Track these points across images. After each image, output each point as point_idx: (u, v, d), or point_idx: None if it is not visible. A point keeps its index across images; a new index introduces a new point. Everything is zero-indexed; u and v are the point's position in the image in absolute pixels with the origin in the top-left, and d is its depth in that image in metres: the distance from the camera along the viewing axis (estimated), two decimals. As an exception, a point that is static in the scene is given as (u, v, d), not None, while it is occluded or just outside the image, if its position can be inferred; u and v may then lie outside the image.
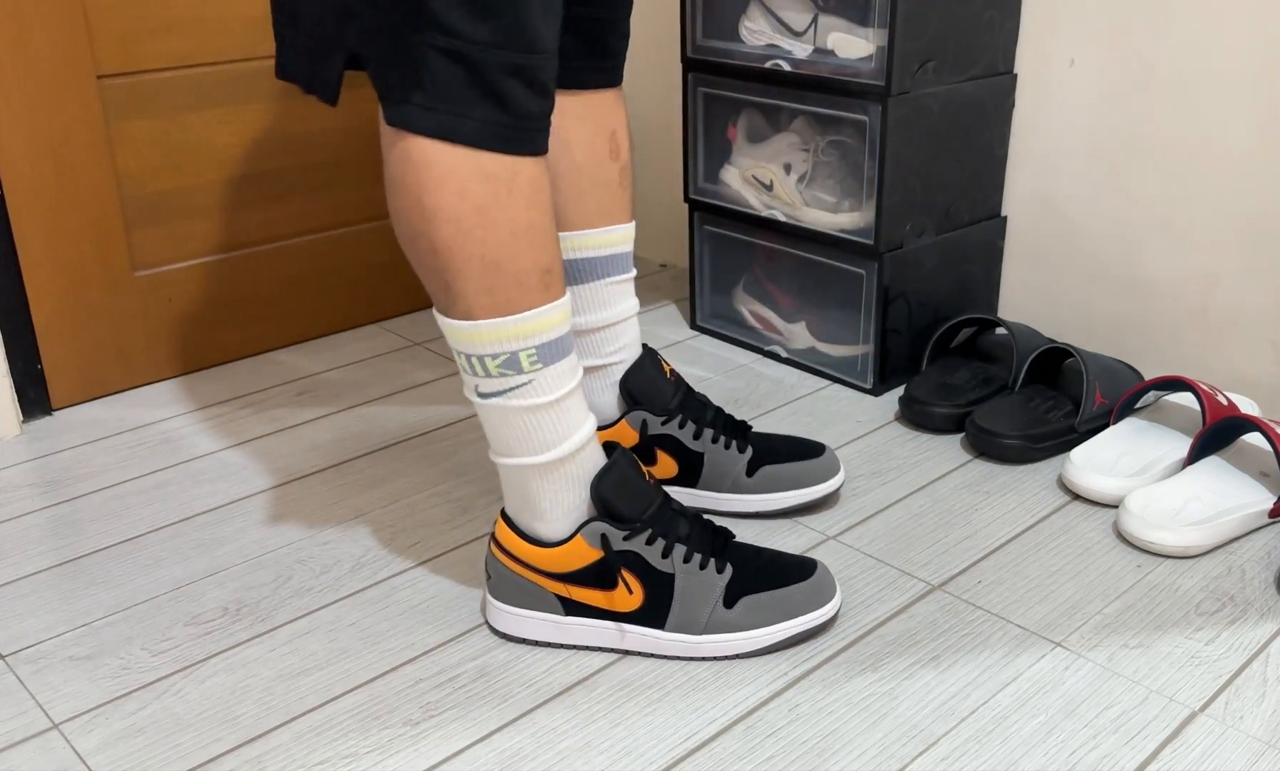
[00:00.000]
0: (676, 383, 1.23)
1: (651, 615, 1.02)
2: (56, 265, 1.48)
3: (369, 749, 0.94)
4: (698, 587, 1.02)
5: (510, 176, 0.91)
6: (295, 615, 1.11)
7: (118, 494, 1.33)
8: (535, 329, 0.94)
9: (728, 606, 1.02)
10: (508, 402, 0.96)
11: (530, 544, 1.02)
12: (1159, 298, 1.49)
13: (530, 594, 1.04)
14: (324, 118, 1.66)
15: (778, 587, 1.04)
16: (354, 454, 1.40)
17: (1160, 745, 0.92)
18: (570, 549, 1.01)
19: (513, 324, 0.93)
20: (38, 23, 1.39)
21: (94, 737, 0.95)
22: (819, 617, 1.05)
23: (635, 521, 1.01)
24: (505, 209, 0.91)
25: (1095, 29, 1.46)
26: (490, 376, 0.95)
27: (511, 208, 0.91)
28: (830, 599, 1.06)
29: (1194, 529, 1.15)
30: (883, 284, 1.47)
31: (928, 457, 1.36)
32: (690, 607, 1.02)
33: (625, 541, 1.00)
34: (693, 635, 1.02)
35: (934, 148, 1.47)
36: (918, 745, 0.93)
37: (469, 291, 0.93)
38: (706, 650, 1.03)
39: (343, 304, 1.76)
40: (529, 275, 0.93)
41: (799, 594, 1.04)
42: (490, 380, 0.96)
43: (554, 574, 1.02)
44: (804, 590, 1.04)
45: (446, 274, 0.93)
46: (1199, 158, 1.41)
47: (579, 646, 1.04)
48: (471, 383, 0.97)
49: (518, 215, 0.92)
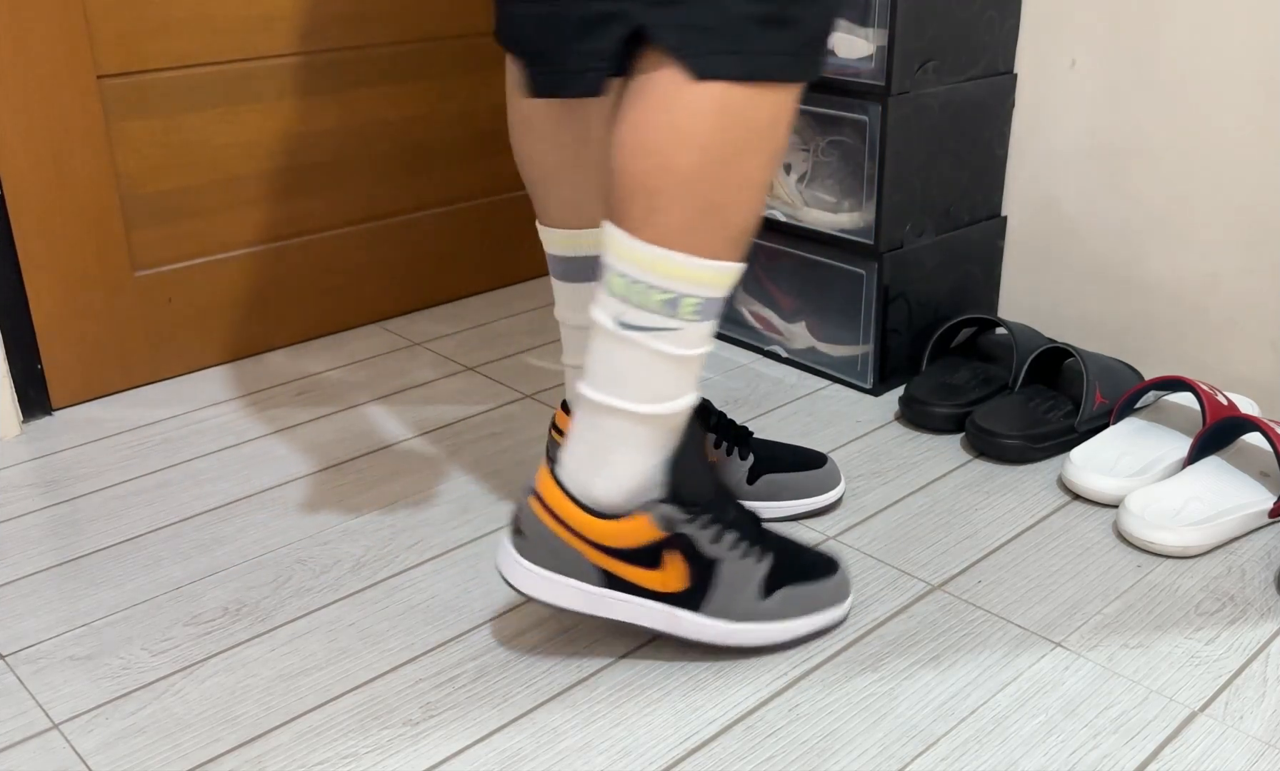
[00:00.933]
0: None
1: (691, 599, 1.00)
2: (56, 265, 1.48)
3: (369, 749, 0.94)
4: (739, 575, 1.01)
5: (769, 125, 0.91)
6: (295, 615, 1.11)
7: (118, 494, 1.33)
8: (712, 281, 0.92)
9: (765, 596, 1.02)
10: (648, 342, 0.93)
11: (585, 512, 0.98)
12: (1159, 298, 1.49)
13: (567, 560, 0.99)
14: (324, 118, 1.66)
15: (810, 581, 1.05)
16: (354, 454, 1.40)
17: (1160, 745, 0.92)
18: (631, 526, 0.98)
19: (698, 268, 0.91)
20: (38, 23, 1.39)
21: (94, 737, 0.95)
22: (841, 613, 1.07)
23: (697, 505, 0.99)
24: (748, 159, 0.91)
25: (1095, 29, 1.46)
26: (646, 310, 0.92)
27: (752, 161, 0.91)
28: (848, 595, 1.08)
29: (1194, 529, 1.15)
30: (883, 284, 1.47)
31: (928, 457, 1.36)
32: (730, 594, 1.01)
33: (685, 525, 0.99)
34: (729, 621, 1.01)
35: (934, 148, 1.47)
36: (918, 745, 0.93)
37: (674, 222, 0.90)
38: (740, 638, 1.02)
39: (343, 304, 1.76)
40: (737, 230, 0.92)
41: (827, 589, 1.06)
42: (643, 314, 0.92)
43: (603, 546, 0.98)
44: (830, 586, 1.06)
45: (662, 196, 0.90)
46: (1199, 158, 1.41)
47: (608, 619, 1.01)
48: (617, 308, 0.93)
49: (754, 171, 0.91)
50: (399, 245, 1.80)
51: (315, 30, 1.62)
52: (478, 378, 1.61)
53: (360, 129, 1.70)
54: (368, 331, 1.77)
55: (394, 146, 1.74)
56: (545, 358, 1.66)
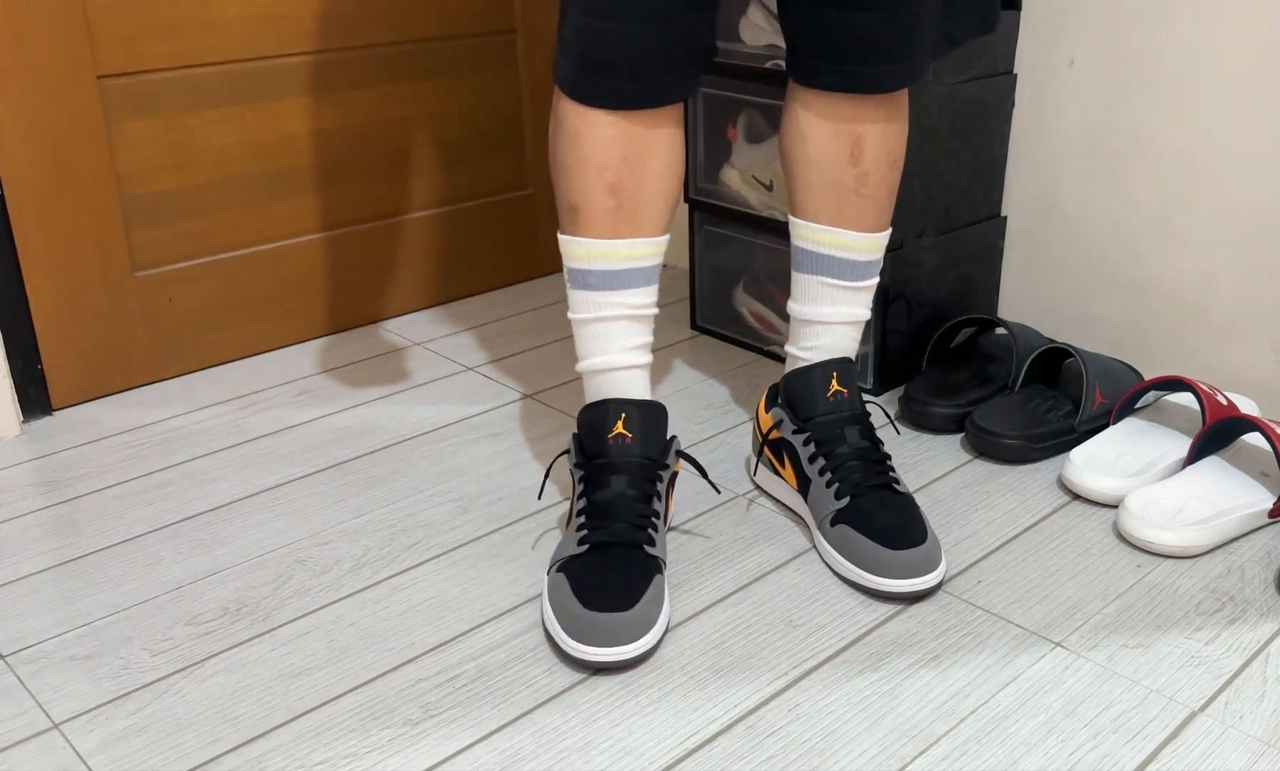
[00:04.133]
0: (834, 405, 1.19)
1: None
2: (56, 265, 1.48)
3: (369, 749, 0.94)
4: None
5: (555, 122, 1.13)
6: (295, 615, 1.11)
7: (118, 494, 1.33)
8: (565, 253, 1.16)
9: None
10: None
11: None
12: (1159, 298, 1.49)
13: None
14: (324, 118, 1.66)
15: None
16: (354, 454, 1.40)
17: (1160, 745, 0.92)
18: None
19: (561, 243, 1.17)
20: (38, 23, 1.40)
21: (94, 737, 0.95)
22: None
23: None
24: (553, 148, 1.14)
25: (1095, 29, 1.46)
26: None
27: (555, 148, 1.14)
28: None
29: (1194, 529, 1.15)
30: (883, 284, 1.47)
31: (928, 457, 1.36)
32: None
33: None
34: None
35: (934, 148, 1.47)
36: (918, 745, 0.93)
37: None
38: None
39: (343, 304, 1.76)
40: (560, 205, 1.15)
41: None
42: None
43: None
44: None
45: None
46: (1199, 158, 1.41)
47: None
48: None
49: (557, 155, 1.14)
50: (399, 245, 1.80)
51: (315, 30, 1.62)
52: (478, 378, 1.61)
53: (360, 129, 1.70)
54: (368, 331, 1.77)
55: (394, 146, 1.74)
56: (545, 358, 1.66)
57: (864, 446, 1.18)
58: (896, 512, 1.13)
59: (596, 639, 1.00)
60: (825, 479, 1.17)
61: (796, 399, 1.21)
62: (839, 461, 1.17)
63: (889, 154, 1.19)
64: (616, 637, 1.00)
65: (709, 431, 1.43)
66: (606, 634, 1.00)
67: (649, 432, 1.13)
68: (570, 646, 1.01)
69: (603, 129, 1.09)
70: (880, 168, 1.19)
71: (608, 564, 1.05)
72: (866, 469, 1.16)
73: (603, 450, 1.12)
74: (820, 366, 1.20)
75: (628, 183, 1.12)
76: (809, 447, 1.19)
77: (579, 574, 1.05)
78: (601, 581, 1.04)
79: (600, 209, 1.12)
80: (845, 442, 1.18)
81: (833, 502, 1.15)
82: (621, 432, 1.12)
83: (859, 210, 1.20)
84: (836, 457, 1.17)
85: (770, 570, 1.16)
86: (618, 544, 1.07)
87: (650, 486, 1.11)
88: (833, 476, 1.16)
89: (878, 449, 1.19)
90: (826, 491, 1.17)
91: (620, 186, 1.11)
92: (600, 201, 1.12)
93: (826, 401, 1.19)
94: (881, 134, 1.18)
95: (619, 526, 1.08)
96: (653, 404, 1.14)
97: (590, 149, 1.10)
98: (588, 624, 1.01)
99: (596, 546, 1.07)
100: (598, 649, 1.00)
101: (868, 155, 1.18)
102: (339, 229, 1.73)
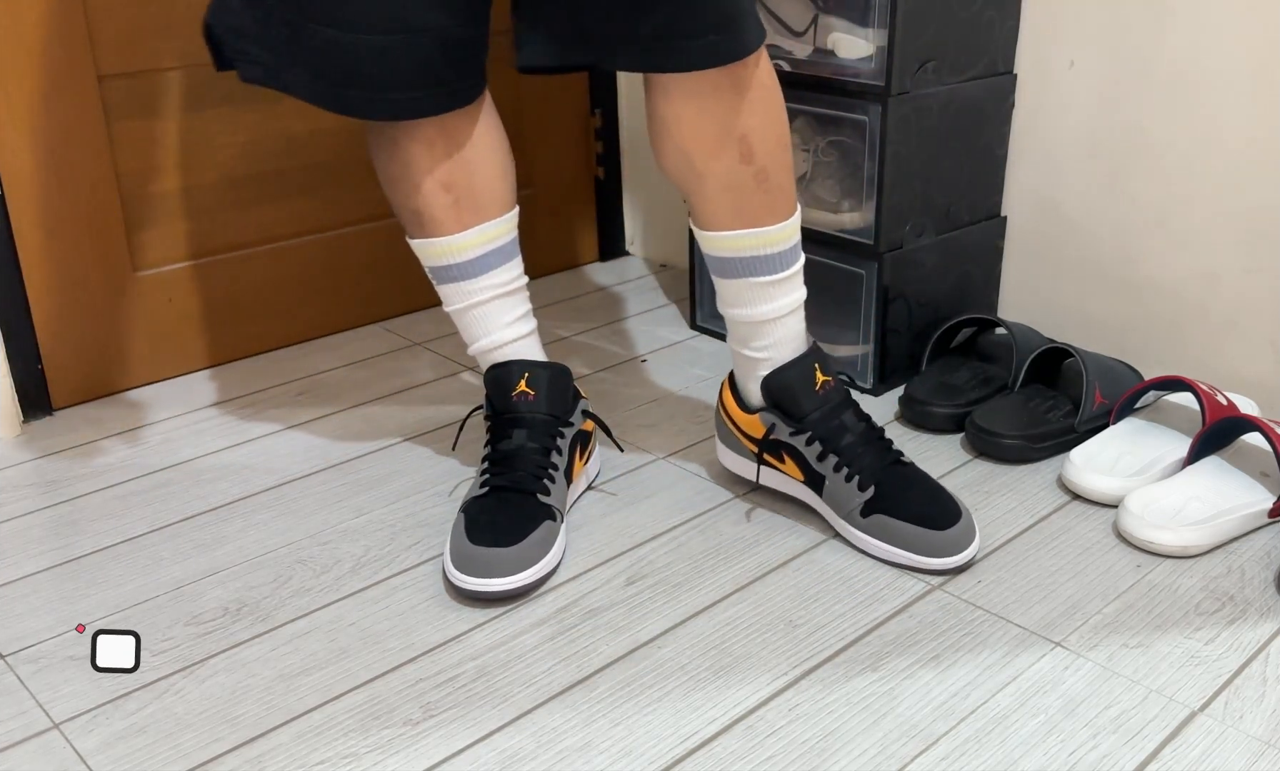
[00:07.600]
0: (825, 397, 1.19)
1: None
2: (56, 265, 1.48)
3: (369, 749, 0.94)
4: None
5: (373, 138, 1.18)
6: (295, 615, 1.11)
7: (118, 494, 1.33)
8: None
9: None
10: None
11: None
12: (1159, 298, 1.49)
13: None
14: (324, 118, 1.66)
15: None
16: (354, 454, 1.40)
17: (1160, 745, 0.92)
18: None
19: None
20: (38, 23, 1.39)
21: (94, 737, 0.95)
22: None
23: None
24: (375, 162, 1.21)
25: (1095, 29, 1.46)
26: None
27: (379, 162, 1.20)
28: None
29: (1194, 529, 1.15)
30: (883, 284, 1.47)
31: (928, 457, 1.36)
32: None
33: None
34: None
35: (934, 148, 1.47)
36: (918, 745, 0.93)
37: None
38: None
39: (343, 304, 1.76)
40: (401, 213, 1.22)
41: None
42: None
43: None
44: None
45: None
46: (1199, 158, 1.41)
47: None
48: None
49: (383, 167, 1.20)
50: (399, 245, 1.78)
51: (315, 30, 1.62)
52: (478, 377, 1.60)
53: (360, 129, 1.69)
54: (368, 331, 1.77)
55: (394, 146, 1.74)
56: (545, 358, 1.66)
57: (862, 428, 1.20)
58: (924, 491, 1.18)
59: (476, 570, 1.09)
60: (843, 474, 1.18)
61: (786, 400, 1.20)
62: (851, 455, 1.18)
63: (778, 136, 1.13)
64: (493, 570, 1.09)
65: (709, 431, 1.43)
66: (485, 566, 1.09)
67: (553, 392, 1.21)
68: (453, 574, 1.10)
69: (422, 131, 1.14)
70: (774, 154, 1.13)
71: (501, 506, 1.14)
72: (874, 451, 1.19)
73: (509, 406, 1.20)
74: (798, 363, 1.19)
75: (460, 177, 1.17)
76: (814, 447, 1.19)
77: (475, 514, 1.14)
78: (492, 520, 1.12)
79: (441, 208, 1.17)
80: (848, 431, 1.19)
81: (858, 495, 1.17)
82: (524, 390, 1.20)
83: (763, 205, 1.14)
84: (847, 451, 1.18)
85: (770, 570, 1.16)
86: (514, 489, 1.15)
87: (550, 440, 1.19)
88: (850, 470, 1.17)
89: (871, 424, 1.21)
90: (847, 486, 1.18)
91: (454, 182, 1.16)
92: (439, 202, 1.17)
93: (817, 396, 1.19)
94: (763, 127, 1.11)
95: (518, 475, 1.16)
96: (556, 365, 1.23)
97: (414, 154, 1.15)
98: (470, 556, 1.09)
99: (495, 490, 1.15)
100: (475, 579, 1.09)
101: (758, 152, 1.11)
102: (339, 229, 1.73)
